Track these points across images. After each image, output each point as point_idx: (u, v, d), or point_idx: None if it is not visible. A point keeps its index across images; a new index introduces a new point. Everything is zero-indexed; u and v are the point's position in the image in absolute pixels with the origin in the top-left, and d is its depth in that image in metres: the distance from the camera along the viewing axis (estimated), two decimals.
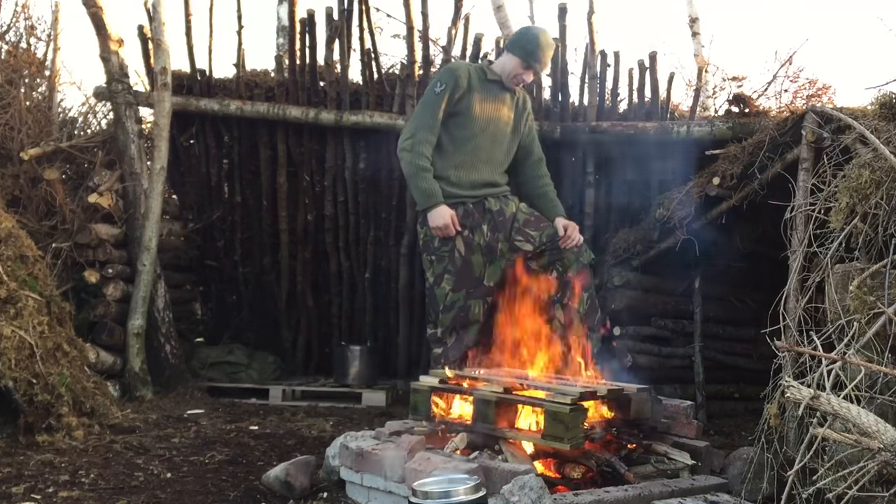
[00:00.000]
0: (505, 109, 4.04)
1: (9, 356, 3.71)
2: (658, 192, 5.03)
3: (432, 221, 3.81)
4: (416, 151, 3.82)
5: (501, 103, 4.03)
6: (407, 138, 3.87)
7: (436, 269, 3.88)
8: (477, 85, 3.94)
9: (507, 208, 3.98)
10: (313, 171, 5.62)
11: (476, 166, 3.95)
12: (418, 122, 3.89)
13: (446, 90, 3.85)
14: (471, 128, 3.91)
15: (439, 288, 3.86)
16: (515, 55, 3.98)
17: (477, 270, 3.87)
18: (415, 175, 3.83)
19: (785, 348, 2.86)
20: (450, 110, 3.89)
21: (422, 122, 3.87)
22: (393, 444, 2.94)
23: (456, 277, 3.84)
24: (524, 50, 3.97)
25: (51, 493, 2.96)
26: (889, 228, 2.77)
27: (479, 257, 3.88)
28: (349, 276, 5.79)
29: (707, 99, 7.00)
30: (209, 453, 3.64)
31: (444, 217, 3.80)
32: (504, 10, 6.99)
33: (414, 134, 3.86)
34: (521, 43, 4.00)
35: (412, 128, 3.89)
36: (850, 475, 2.19)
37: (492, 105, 3.98)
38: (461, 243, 3.86)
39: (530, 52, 3.96)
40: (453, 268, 3.84)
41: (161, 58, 5.23)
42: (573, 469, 2.80)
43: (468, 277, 3.84)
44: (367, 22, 5.23)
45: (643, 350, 4.77)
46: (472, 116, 3.91)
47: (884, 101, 3.40)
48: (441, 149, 3.90)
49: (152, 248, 5.16)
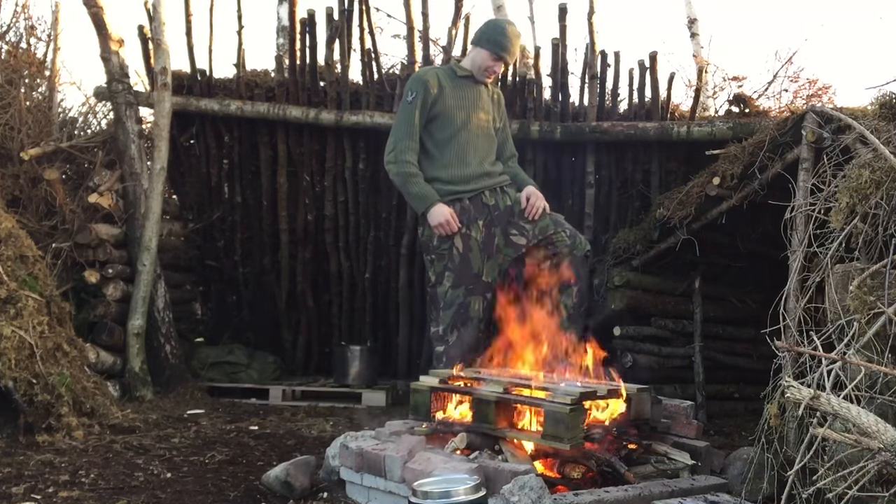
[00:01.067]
0: (481, 102, 4.08)
1: (9, 356, 3.71)
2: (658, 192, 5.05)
3: (432, 220, 3.84)
4: (400, 161, 3.90)
5: (477, 96, 4.07)
6: (389, 151, 3.94)
7: (436, 267, 3.92)
8: (447, 84, 3.99)
9: (502, 201, 4.01)
10: (313, 171, 5.62)
11: (465, 160, 3.98)
12: (397, 133, 3.94)
13: (418, 97, 3.92)
14: (451, 127, 3.96)
15: (440, 286, 3.90)
16: (484, 48, 4.02)
17: (475, 266, 3.89)
18: (405, 182, 3.91)
19: (785, 348, 2.86)
20: (427, 116, 3.94)
21: (400, 133, 3.93)
22: (393, 444, 2.94)
23: (455, 275, 3.86)
24: (493, 42, 4.00)
25: (51, 493, 2.96)
26: (889, 228, 2.77)
27: (476, 253, 3.90)
28: (349, 276, 5.79)
29: (707, 99, 6.99)
30: (209, 453, 3.64)
31: (444, 214, 3.83)
32: (504, 10, 7.00)
33: (395, 146, 3.92)
34: (489, 35, 4.03)
35: (393, 141, 3.95)
36: (850, 475, 2.19)
37: (467, 100, 4.03)
38: (459, 241, 3.88)
39: (499, 44, 4.00)
40: (452, 265, 3.87)
41: (161, 58, 5.23)
42: (573, 469, 2.80)
43: (467, 274, 3.87)
44: (367, 22, 5.23)
45: (643, 350, 4.77)
46: (450, 116, 3.97)
47: (884, 101, 3.40)
48: (427, 153, 3.96)
49: (152, 248, 5.16)
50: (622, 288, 4.73)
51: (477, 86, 4.08)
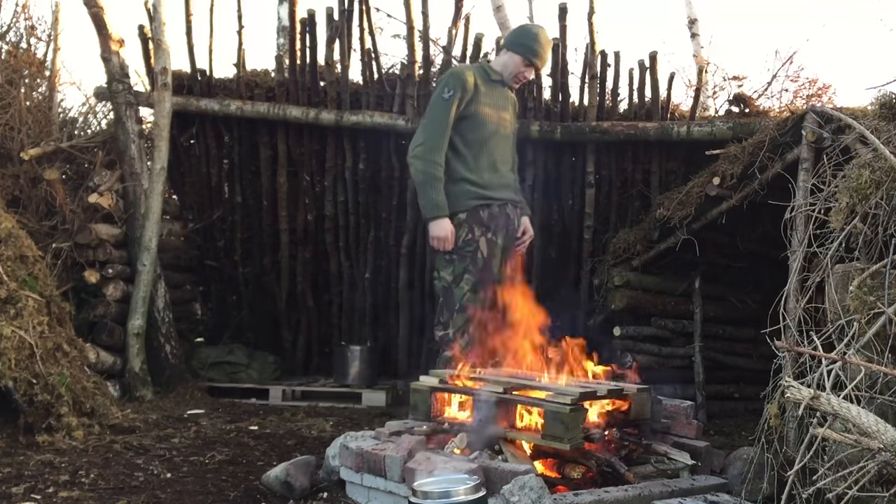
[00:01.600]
0: (508, 106, 4.10)
1: (9, 356, 3.71)
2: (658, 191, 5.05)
3: (435, 231, 3.81)
4: (427, 160, 3.81)
5: (505, 101, 4.08)
6: (418, 145, 3.85)
7: (456, 268, 3.86)
8: (483, 85, 3.95)
9: (517, 220, 4.08)
10: (313, 171, 5.62)
11: (496, 167, 3.99)
12: (430, 130, 3.86)
13: (455, 95, 3.84)
14: (483, 130, 3.93)
15: (458, 288, 3.85)
16: (517, 53, 4.00)
17: (495, 272, 3.91)
18: (426, 183, 3.82)
19: (785, 348, 2.86)
20: (459, 114, 3.88)
21: (433, 130, 3.84)
22: (393, 444, 2.94)
23: (477, 278, 3.84)
24: (526, 47, 3.99)
25: (51, 493, 2.96)
26: (889, 228, 2.77)
27: (497, 260, 3.93)
28: (349, 276, 5.79)
29: (707, 99, 7.00)
30: (209, 453, 3.64)
31: (448, 230, 3.81)
32: (504, 10, 7.01)
33: (425, 141, 3.83)
34: (522, 40, 4.02)
35: (423, 135, 3.86)
36: (850, 475, 2.19)
37: (498, 104, 4.02)
38: (485, 245, 3.88)
39: (532, 49, 3.99)
40: (474, 268, 3.85)
41: (161, 58, 5.22)
42: (573, 469, 2.80)
43: (487, 278, 3.85)
44: (367, 22, 5.23)
45: (643, 350, 4.77)
46: (483, 118, 3.93)
47: (884, 101, 3.40)
48: (457, 152, 3.90)
49: (152, 248, 5.16)
50: (622, 288, 4.73)
51: (504, 90, 4.08)
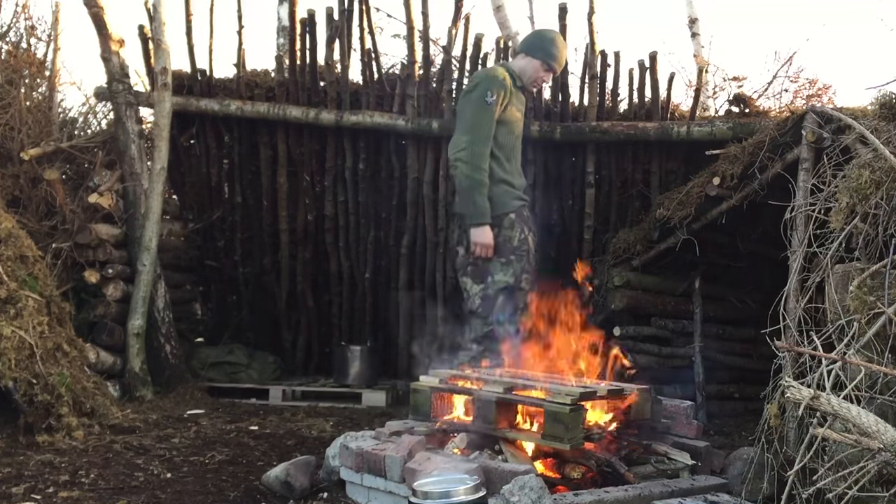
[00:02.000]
0: (524, 111, 4.16)
1: (9, 356, 3.71)
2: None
3: (480, 238, 3.79)
4: (474, 165, 3.78)
5: (523, 106, 4.14)
6: (463, 149, 3.80)
7: (515, 269, 3.85)
8: (512, 90, 3.98)
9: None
10: (313, 171, 5.62)
11: (521, 170, 4.09)
12: (475, 134, 3.81)
13: (497, 100, 3.84)
14: (513, 134, 3.98)
15: (520, 291, 3.83)
16: (537, 58, 4.04)
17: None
18: (473, 189, 3.79)
19: (785, 348, 2.86)
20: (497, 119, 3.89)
21: (479, 135, 3.81)
22: (393, 444, 2.94)
23: (531, 276, 3.87)
24: (545, 52, 4.03)
25: (51, 493, 2.96)
26: (889, 228, 2.77)
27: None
28: (349, 276, 5.79)
29: (707, 99, 6.99)
30: (209, 453, 3.64)
31: (490, 237, 3.81)
32: (504, 10, 6.98)
33: (470, 146, 3.79)
34: (541, 45, 4.06)
35: (469, 139, 3.81)
36: (850, 475, 2.19)
37: (520, 108, 4.07)
38: (532, 243, 3.93)
39: (551, 54, 4.04)
40: (529, 266, 3.88)
41: (161, 58, 5.22)
42: (573, 469, 2.80)
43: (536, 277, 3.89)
44: (367, 22, 5.23)
45: (643, 350, 4.77)
46: (514, 122, 3.97)
47: (884, 101, 3.40)
48: (494, 156, 3.90)
49: (152, 248, 5.16)
50: (622, 288, 4.74)
51: (523, 95, 4.12)
